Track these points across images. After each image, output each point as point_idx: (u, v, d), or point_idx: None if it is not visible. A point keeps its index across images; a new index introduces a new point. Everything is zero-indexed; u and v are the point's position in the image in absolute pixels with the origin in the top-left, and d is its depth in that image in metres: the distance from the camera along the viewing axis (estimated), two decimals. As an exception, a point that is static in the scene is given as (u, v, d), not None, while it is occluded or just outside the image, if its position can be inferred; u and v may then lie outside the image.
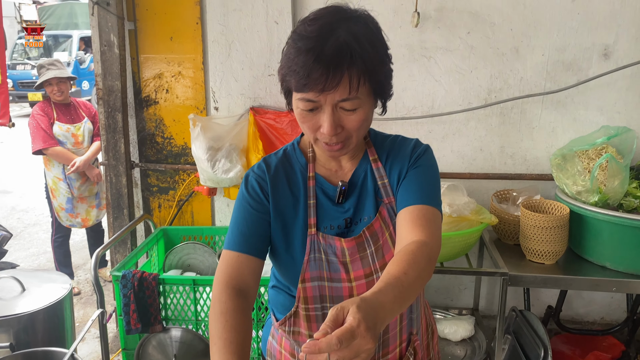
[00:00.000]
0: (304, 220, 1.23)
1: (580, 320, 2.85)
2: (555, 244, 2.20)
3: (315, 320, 1.26)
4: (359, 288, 1.23)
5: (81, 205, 4.04)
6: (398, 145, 1.29)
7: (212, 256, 2.77)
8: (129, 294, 2.26)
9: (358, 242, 1.23)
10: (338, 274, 1.23)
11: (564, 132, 2.62)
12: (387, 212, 1.25)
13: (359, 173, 1.28)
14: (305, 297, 1.23)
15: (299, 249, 1.23)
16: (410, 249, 1.06)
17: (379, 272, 1.22)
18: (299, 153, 1.30)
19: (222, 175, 2.55)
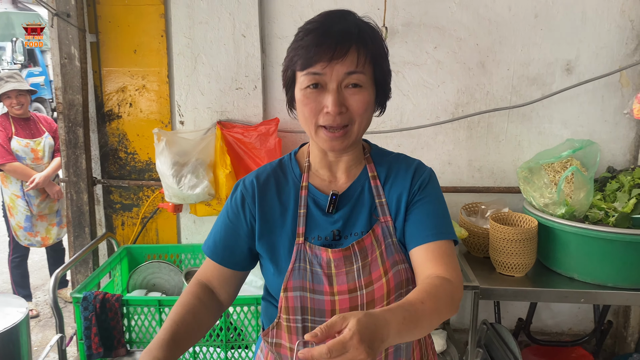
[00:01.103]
0: (292, 230, 1.23)
1: (549, 331, 2.87)
2: (525, 257, 2.21)
3: (296, 332, 1.23)
4: (342, 303, 1.20)
5: (41, 223, 3.90)
6: (398, 166, 1.28)
7: (178, 275, 2.68)
8: (91, 316, 2.16)
9: (345, 255, 1.21)
10: (321, 285, 1.20)
11: (530, 146, 2.66)
12: (381, 230, 1.23)
13: (355, 187, 1.26)
14: (286, 307, 1.21)
15: (284, 257, 1.22)
16: (434, 282, 1.08)
17: (364, 289, 1.19)
18: (295, 163, 1.31)
19: (188, 191, 2.48)
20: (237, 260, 1.27)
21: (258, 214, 1.25)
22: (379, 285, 1.20)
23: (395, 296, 1.22)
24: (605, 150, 2.59)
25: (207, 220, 2.81)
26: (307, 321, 1.22)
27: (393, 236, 1.24)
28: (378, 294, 1.21)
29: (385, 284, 1.20)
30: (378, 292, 1.21)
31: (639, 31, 2.49)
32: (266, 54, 2.65)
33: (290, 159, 1.33)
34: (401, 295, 1.23)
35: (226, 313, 2.24)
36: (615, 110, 2.58)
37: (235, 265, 1.28)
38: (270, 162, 1.34)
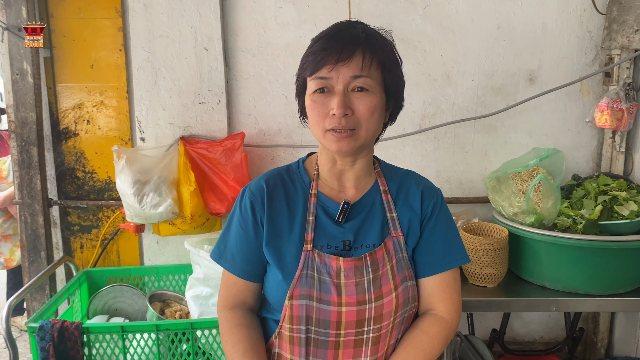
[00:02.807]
0: (300, 237, 1.22)
1: (521, 340, 2.87)
2: (497, 267, 2.20)
3: (299, 343, 1.19)
4: (348, 315, 1.17)
5: (5, 244, 3.72)
6: (409, 183, 1.30)
7: (141, 298, 2.56)
8: (48, 347, 2.03)
9: (357, 265, 1.19)
10: (329, 295, 1.17)
11: (496, 155, 2.67)
12: (392, 245, 1.23)
13: (367, 200, 1.26)
14: (290, 316, 1.17)
15: (291, 265, 1.20)
16: (432, 333, 1.20)
17: (373, 302, 1.17)
18: (303, 171, 1.30)
19: (150, 210, 2.38)
20: (258, 271, 1.27)
21: (266, 218, 1.23)
22: (388, 300, 1.18)
23: (402, 312, 1.20)
24: (569, 158, 2.62)
25: (171, 240, 2.71)
26: (310, 332, 1.19)
27: (404, 251, 1.23)
28: (387, 309, 1.18)
29: (395, 299, 1.18)
30: (387, 307, 1.18)
31: (597, 41, 2.54)
32: (230, 67, 2.59)
33: (298, 166, 1.32)
34: (406, 312, 1.21)
35: (194, 337, 2.14)
36: (578, 119, 2.62)
37: (258, 277, 1.28)
38: (277, 168, 1.33)
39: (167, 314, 2.39)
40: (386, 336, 1.19)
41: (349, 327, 1.17)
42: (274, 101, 2.57)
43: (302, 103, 1.24)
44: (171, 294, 2.53)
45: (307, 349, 1.19)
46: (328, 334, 1.17)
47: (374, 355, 1.19)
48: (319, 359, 1.19)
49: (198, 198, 2.44)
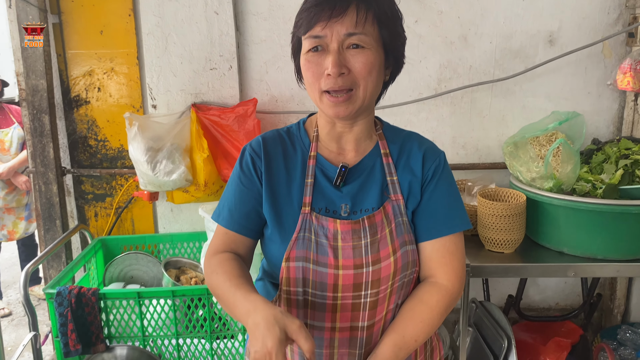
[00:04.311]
0: (298, 199, 1.19)
1: (536, 307, 2.86)
2: (514, 232, 2.17)
3: (296, 305, 1.18)
4: (345, 278, 1.15)
5: (8, 216, 3.75)
6: (411, 145, 1.25)
7: (156, 266, 2.58)
8: (66, 312, 2.05)
9: (354, 229, 1.16)
10: (325, 257, 1.15)
11: (514, 120, 2.61)
12: (392, 209, 1.19)
13: (366, 163, 1.23)
14: (287, 278, 1.15)
15: (288, 227, 1.18)
16: (431, 303, 1.17)
17: (371, 266, 1.15)
18: (303, 132, 1.26)
19: (164, 177, 2.37)
20: (256, 227, 1.22)
21: (265, 178, 1.21)
22: (386, 264, 1.15)
23: (400, 277, 1.17)
24: (589, 122, 2.56)
25: (185, 208, 2.70)
26: (307, 294, 1.17)
27: (404, 215, 1.20)
28: (384, 273, 1.15)
29: (393, 263, 1.15)
30: (385, 271, 1.15)
31: (620, 0, 2.45)
32: (241, 32, 2.54)
33: (298, 127, 1.28)
34: (405, 277, 1.18)
35: (209, 303, 2.15)
36: (599, 81, 2.55)
37: (254, 232, 1.23)
38: (277, 129, 1.29)
39: (182, 280, 2.40)
40: (384, 300, 1.17)
41: (346, 290, 1.15)
42: (286, 66, 2.52)
43: (298, 63, 1.19)
44: (186, 261, 2.54)
45: (305, 311, 1.18)
46: (325, 296, 1.16)
47: (372, 319, 1.18)
48: (317, 322, 1.18)
49: (211, 165, 2.42)
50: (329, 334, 1.19)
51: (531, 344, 2.36)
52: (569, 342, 2.32)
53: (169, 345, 2.20)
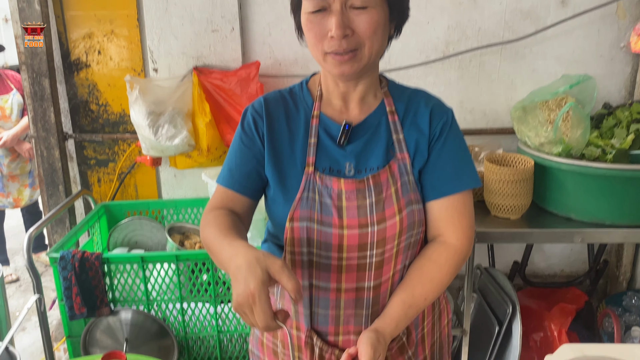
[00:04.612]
0: (301, 159, 1.17)
1: (541, 274, 2.85)
2: (521, 198, 2.14)
3: (301, 266, 1.16)
4: (350, 238, 1.13)
5: (12, 184, 3.75)
6: (417, 102, 1.21)
7: (160, 231, 2.57)
8: (70, 276, 2.05)
9: (358, 188, 1.14)
10: (329, 217, 1.13)
11: (523, 84, 2.55)
12: (397, 168, 1.16)
13: (371, 121, 1.19)
14: (292, 238, 1.14)
15: (292, 187, 1.16)
16: (440, 262, 1.14)
17: (376, 225, 1.13)
18: (306, 92, 1.23)
19: (166, 142, 2.34)
20: (256, 187, 1.21)
21: (267, 137, 1.18)
22: (391, 224, 1.13)
23: (406, 237, 1.15)
24: (600, 86, 2.49)
25: (189, 173, 2.68)
26: (312, 254, 1.15)
27: (410, 174, 1.17)
28: (390, 233, 1.13)
29: (399, 222, 1.13)
30: (390, 230, 1.13)
31: (637, -42, 2.36)
32: (243, -7, 2.47)
33: (301, 87, 1.25)
34: (412, 236, 1.16)
35: (214, 267, 2.14)
36: (611, 44, 2.47)
37: (254, 192, 1.21)
38: (280, 90, 1.26)
39: (186, 245, 2.40)
40: (390, 260, 1.16)
41: (351, 251, 1.14)
42: (289, 29, 2.45)
43: (298, 19, 1.15)
44: (190, 227, 2.53)
45: (310, 272, 1.17)
46: (330, 257, 1.15)
47: (378, 279, 1.16)
48: (322, 282, 1.17)
49: (214, 130, 2.38)
50: (335, 295, 1.17)
51: (535, 310, 2.36)
52: (574, 308, 2.31)
53: (173, 310, 2.21)
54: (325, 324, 1.20)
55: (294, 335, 1.24)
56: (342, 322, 1.20)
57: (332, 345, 1.21)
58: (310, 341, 1.20)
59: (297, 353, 1.24)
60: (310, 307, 1.19)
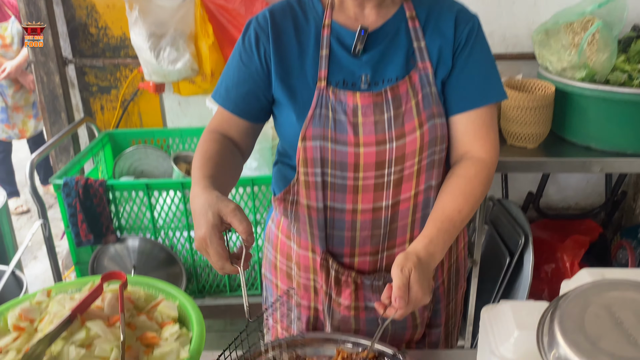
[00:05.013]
0: (312, 73, 1.08)
1: (555, 206, 2.79)
2: (539, 126, 2.04)
3: (315, 187, 1.11)
4: (367, 156, 1.07)
5: (17, 115, 3.71)
6: (440, 6, 1.11)
7: (166, 160, 2.52)
8: (74, 203, 2.02)
9: (375, 102, 1.06)
10: (344, 135, 1.06)
11: (547, 6, 2.39)
12: (418, 78, 1.07)
13: (389, 27, 1.09)
14: (304, 159, 1.08)
15: (303, 105, 1.08)
16: (469, 175, 1.07)
17: (394, 141, 1.06)
18: (316, 0, 1.13)
19: (168, 66, 2.24)
20: (253, 109, 1.15)
21: (273, 53, 1.10)
22: (411, 139, 1.05)
23: (428, 153, 1.08)
24: (631, 6, 2.29)
25: (193, 101, 2.60)
26: (326, 175, 1.09)
27: (432, 85, 1.08)
28: (409, 149, 1.06)
29: (419, 137, 1.05)
30: (410, 146, 1.06)
31: None
32: None
33: None
34: (434, 153, 1.09)
35: (219, 195, 2.10)
36: (645, -41, 2.29)
37: (251, 115, 1.15)
38: None
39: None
40: (410, 178, 1.09)
41: (368, 170, 1.08)
42: (298, -56, 2.29)
43: None
44: (196, 156, 2.47)
45: (324, 193, 1.11)
46: (345, 177, 1.09)
47: (396, 197, 1.11)
48: (337, 204, 1.12)
49: (217, 53, 2.28)
50: (350, 216, 1.12)
51: (548, 242, 2.31)
52: (588, 240, 2.26)
53: (180, 237, 2.19)
54: (340, 246, 1.16)
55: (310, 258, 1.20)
56: (358, 244, 1.15)
57: (347, 267, 1.18)
58: (326, 264, 1.17)
59: (313, 276, 1.21)
60: (325, 229, 1.15)
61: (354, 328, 1.21)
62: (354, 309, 1.19)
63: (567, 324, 0.87)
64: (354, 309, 1.19)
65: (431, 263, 0.96)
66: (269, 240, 1.31)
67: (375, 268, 1.18)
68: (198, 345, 0.92)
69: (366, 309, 1.20)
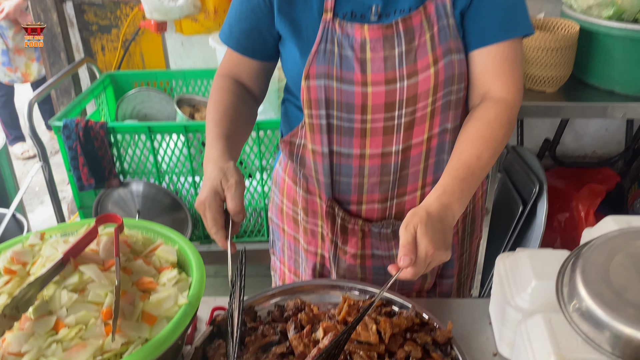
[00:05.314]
0: (317, 4, 0.99)
1: (571, 154, 2.70)
2: (561, 68, 1.93)
3: (319, 130, 1.04)
4: (375, 97, 0.98)
5: (19, 57, 3.62)
6: None
7: (170, 104, 2.44)
8: (75, 145, 1.96)
9: (385, 35, 0.96)
10: (351, 73, 0.98)
11: (574, -62, 2.21)
12: (435, 9, 0.97)
13: None
14: (308, 100, 1.01)
15: (307, 39, 1.01)
16: (489, 117, 0.98)
17: (405, 80, 0.97)
18: None
19: (169, 3, 2.13)
20: (258, 46, 1.09)
21: None
22: (424, 77, 0.96)
23: (444, 93, 0.99)
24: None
25: (197, 41, 2.49)
26: (332, 117, 1.02)
27: (450, 17, 0.97)
28: (422, 88, 0.97)
29: (433, 75, 0.96)
30: (423, 85, 0.97)
31: None
32: None
33: None
34: (450, 93, 1.00)
35: (224, 139, 2.03)
36: None
37: (257, 53, 1.10)
38: None
39: (196, 118, 2.28)
40: (423, 121, 1.01)
41: (377, 111, 1.00)
42: None
43: None
44: (200, 99, 2.40)
45: (330, 137, 1.04)
46: (352, 119, 1.01)
47: (407, 141, 1.03)
48: (343, 148, 1.05)
49: (221, -12, 2.16)
50: (358, 162, 1.06)
51: (563, 190, 2.24)
52: (604, 189, 2.19)
53: (185, 183, 2.14)
54: (347, 193, 1.10)
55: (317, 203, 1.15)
56: (365, 191, 1.09)
57: (354, 215, 1.12)
58: (332, 211, 1.11)
59: (320, 222, 1.15)
60: (331, 176, 1.09)
61: (360, 277, 1.17)
62: (360, 257, 1.14)
63: (590, 274, 0.82)
64: (360, 257, 1.14)
65: (447, 215, 0.87)
66: (275, 183, 1.26)
67: (384, 216, 1.12)
68: (198, 291, 0.88)
69: (373, 257, 1.15)
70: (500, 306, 0.97)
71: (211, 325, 0.96)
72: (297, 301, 1.01)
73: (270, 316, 1.02)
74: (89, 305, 0.82)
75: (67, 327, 0.79)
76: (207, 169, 0.97)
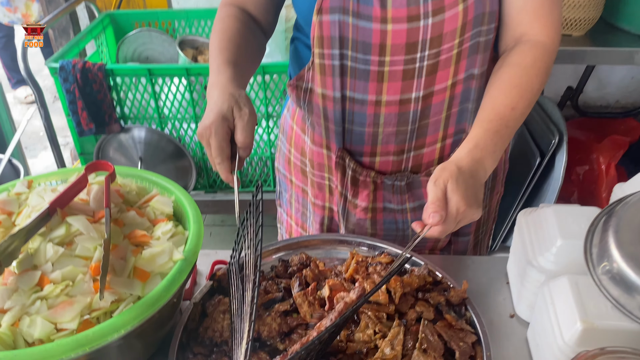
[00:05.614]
0: None
1: (593, 104, 2.57)
2: (589, 10, 1.79)
3: (331, 73, 0.94)
4: (396, 36, 0.88)
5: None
6: None
7: (172, 46, 2.33)
8: (72, 89, 1.88)
9: None
10: (369, 8, 0.87)
11: None
12: None
13: None
14: (320, 37, 0.90)
15: None
16: (526, 63, 0.87)
17: (430, 17, 0.86)
18: None
19: None
20: None
21: None
22: (452, 15, 0.86)
23: (472, 34, 0.88)
24: None
25: (200, -22, 2.35)
26: (346, 58, 0.91)
27: None
28: (448, 28, 0.86)
29: (462, 13, 0.86)
30: (449, 24, 0.86)
31: None
32: None
33: None
34: (479, 34, 0.89)
35: (228, 84, 1.93)
36: None
37: None
38: None
39: (200, 61, 2.18)
40: (448, 64, 0.91)
41: (397, 53, 0.89)
42: None
43: None
44: (203, 41, 2.28)
45: (343, 80, 0.94)
46: (369, 61, 0.90)
47: (429, 87, 0.93)
48: (357, 93, 0.95)
49: None
50: (373, 109, 0.96)
51: (584, 142, 2.14)
52: (627, 141, 2.08)
53: (188, 129, 2.07)
54: (360, 144, 1.01)
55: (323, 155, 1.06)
56: (380, 142, 1.00)
57: (366, 167, 1.04)
58: (342, 162, 1.03)
59: (328, 175, 1.08)
60: (342, 124, 0.99)
61: (370, 232, 1.10)
62: (371, 211, 1.07)
63: (624, 234, 0.74)
64: (371, 210, 1.07)
65: (479, 170, 0.79)
66: (283, 131, 1.18)
67: (399, 169, 1.04)
68: (195, 245, 0.82)
69: (384, 211, 1.08)
70: (520, 266, 0.90)
71: (211, 279, 0.91)
72: (302, 256, 0.95)
73: (274, 271, 0.96)
74: (76, 260, 0.76)
75: (53, 283, 0.73)
76: (213, 94, 0.87)
